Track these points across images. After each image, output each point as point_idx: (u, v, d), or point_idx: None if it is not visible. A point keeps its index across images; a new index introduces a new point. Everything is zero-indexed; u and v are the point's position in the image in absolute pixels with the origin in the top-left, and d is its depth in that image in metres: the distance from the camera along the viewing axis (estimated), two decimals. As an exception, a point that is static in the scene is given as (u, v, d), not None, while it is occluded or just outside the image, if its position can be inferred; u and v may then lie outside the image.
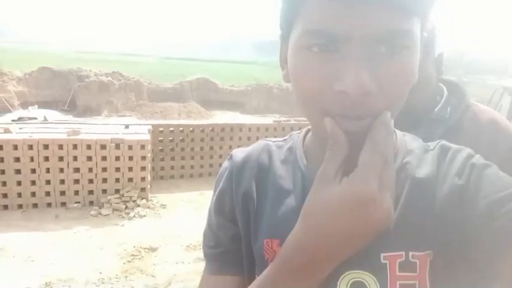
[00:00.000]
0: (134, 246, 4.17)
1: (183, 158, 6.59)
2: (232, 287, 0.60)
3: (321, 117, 0.45)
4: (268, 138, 0.67)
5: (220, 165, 5.63)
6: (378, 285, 0.49)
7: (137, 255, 4.03)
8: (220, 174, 0.65)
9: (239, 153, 0.65)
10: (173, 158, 6.54)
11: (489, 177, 0.48)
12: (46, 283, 3.44)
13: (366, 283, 0.50)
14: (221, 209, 0.62)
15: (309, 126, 0.60)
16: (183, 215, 5.16)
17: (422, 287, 0.49)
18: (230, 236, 0.61)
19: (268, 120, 8.32)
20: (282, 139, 0.66)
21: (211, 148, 6.72)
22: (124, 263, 3.87)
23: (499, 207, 0.44)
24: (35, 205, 5.14)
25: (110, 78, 13.24)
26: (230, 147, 6.76)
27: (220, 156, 6.73)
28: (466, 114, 1.05)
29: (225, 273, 0.61)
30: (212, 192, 0.67)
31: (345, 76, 0.41)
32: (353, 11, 0.40)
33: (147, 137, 5.61)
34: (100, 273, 3.67)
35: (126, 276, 3.62)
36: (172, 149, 6.53)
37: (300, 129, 0.66)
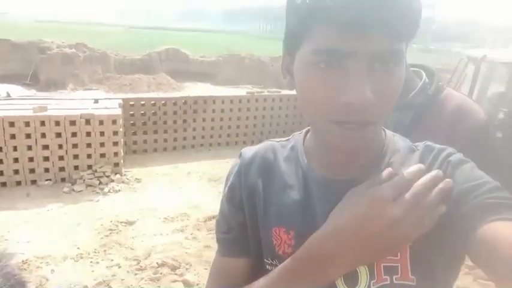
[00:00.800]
0: (111, 221, 4.19)
1: (155, 132, 6.54)
2: (241, 267, 0.69)
3: (327, 124, 0.53)
4: (273, 139, 0.76)
5: (194, 137, 5.68)
6: (366, 268, 0.58)
7: (115, 230, 4.06)
8: (231, 170, 0.73)
9: (248, 151, 0.73)
10: (146, 132, 6.47)
11: (462, 171, 0.57)
12: (23, 261, 3.43)
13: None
14: (232, 200, 0.71)
15: (309, 127, 0.68)
16: (159, 188, 5.19)
17: (403, 269, 0.57)
18: (240, 223, 0.69)
19: (241, 91, 8.29)
20: (285, 139, 0.74)
21: (185, 121, 6.68)
22: (102, 238, 3.91)
23: (466, 195, 0.53)
24: (4, 184, 5.01)
25: (74, 49, 12.61)
26: (204, 120, 6.75)
27: (194, 129, 6.72)
28: (436, 100, 1.09)
29: (234, 255, 0.70)
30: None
31: (350, 89, 0.49)
32: (356, 34, 0.48)
33: (118, 111, 5.50)
34: (78, 248, 3.69)
35: (104, 250, 3.67)
36: (144, 123, 6.45)
37: (273, 100, 0.73)
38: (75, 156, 5.23)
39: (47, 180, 5.14)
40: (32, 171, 5.12)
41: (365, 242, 0.53)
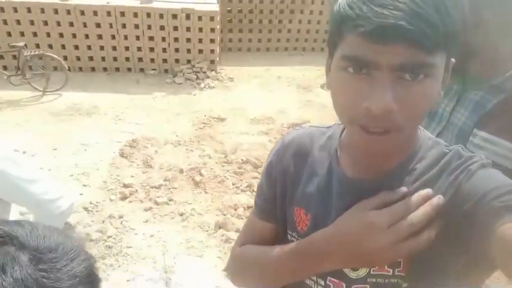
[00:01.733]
0: (205, 115, 4.60)
1: (250, 31, 6.52)
2: (267, 231, 0.78)
3: (351, 125, 0.56)
4: (315, 125, 0.77)
5: (288, 40, 5.54)
6: None
7: (208, 124, 4.47)
8: (273, 149, 0.79)
9: (289, 135, 0.77)
10: (241, 30, 6.50)
11: (480, 177, 0.56)
12: (133, 140, 4.06)
13: None
14: (268, 176, 0.77)
15: None
16: (249, 90, 5.41)
17: (405, 263, 0.61)
18: (272, 197, 0.77)
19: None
20: (327, 126, 0.75)
21: (280, 22, 6.50)
22: (196, 129, 4.36)
23: (482, 199, 0.53)
24: (117, 69, 5.66)
25: None
26: (300, 22, 6.48)
27: (289, 31, 6.53)
28: None
29: (264, 219, 0.79)
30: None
31: (371, 96, 0.50)
32: (384, 47, 0.49)
33: (216, 7, 5.54)
34: (177, 136, 4.20)
35: (198, 141, 4.13)
36: (240, 21, 6.43)
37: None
38: (176, 50, 5.58)
39: (152, 69, 5.66)
40: (140, 60, 5.64)
41: (359, 254, 0.58)
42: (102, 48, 5.51)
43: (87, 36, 5.42)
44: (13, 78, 4.88)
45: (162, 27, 5.41)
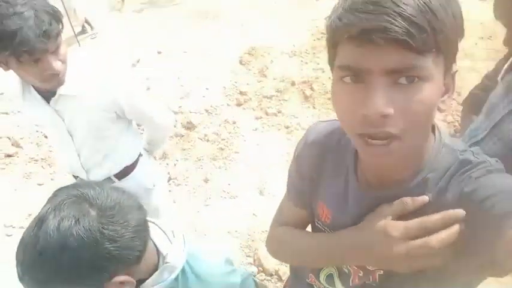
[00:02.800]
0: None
1: None
2: (297, 214, 0.84)
3: (353, 136, 0.57)
4: None
5: None
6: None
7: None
8: (300, 140, 0.81)
9: (316, 127, 0.79)
10: None
11: (480, 184, 0.56)
12: (252, 47, 4.20)
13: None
14: (298, 167, 0.81)
15: None
16: None
17: None
18: (302, 186, 0.81)
19: None
20: None
21: None
22: (314, 40, 4.25)
23: (486, 205, 0.54)
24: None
25: None
26: None
27: None
28: None
29: (294, 203, 0.84)
30: None
31: (365, 102, 0.51)
32: (372, 51, 0.49)
33: None
34: (293, 45, 4.19)
35: (314, 53, 4.06)
36: None
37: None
38: None
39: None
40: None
41: (374, 258, 0.63)
42: None
43: None
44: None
45: None
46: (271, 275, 2.15)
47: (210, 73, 4.00)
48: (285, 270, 2.11)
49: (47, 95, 1.27)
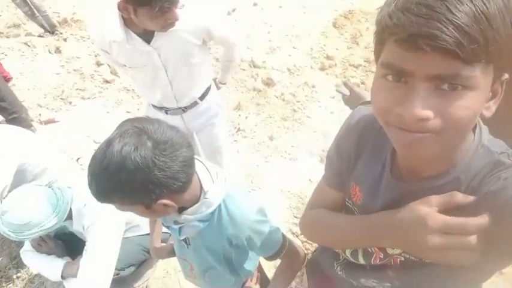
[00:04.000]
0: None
1: None
2: (332, 196, 0.85)
3: (386, 127, 0.58)
4: None
5: None
6: None
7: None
8: (345, 121, 0.79)
9: (357, 113, 0.77)
10: None
11: (509, 183, 0.55)
12: (349, 11, 3.98)
13: None
14: (337, 149, 0.82)
15: None
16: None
17: None
18: (340, 168, 0.81)
19: None
20: None
21: None
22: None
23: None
24: None
25: None
26: None
27: None
28: None
29: (330, 185, 0.86)
30: None
31: (404, 103, 0.51)
32: (418, 55, 0.48)
33: None
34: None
35: None
36: None
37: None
38: None
39: None
40: None
41: (408, 244, 0.62)
42: None
43: None
44: None
45: None
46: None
47: (301, 32, 3.92)
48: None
49: (146, 37, 1.47)
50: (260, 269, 1.33)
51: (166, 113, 1.77)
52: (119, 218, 1.54)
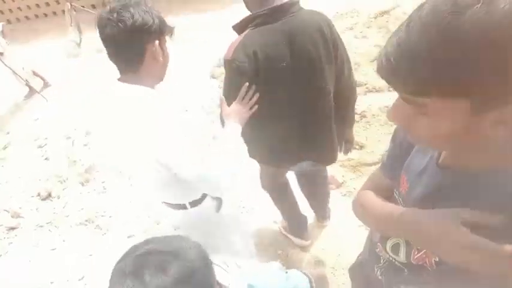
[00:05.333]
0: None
1: None
2: (384, 184, 0.91)
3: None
4: None
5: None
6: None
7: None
8: None
9: None
10: None
11: None
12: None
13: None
14: (394, 140, 0.89)
15: None
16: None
17: None
18: (393, 150, 0.89)
19: None
20: None
21: None
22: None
23: None
24: None
25: None
26: None
27: None
28: None
29: (383, 172, 0.93)
30: None
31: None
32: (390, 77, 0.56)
33: None
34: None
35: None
36: None
37: None
38: None
39: None
40: None
41: (441, 248, 0.64)
42: None
43: None
44: None
45: None
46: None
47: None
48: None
49: None
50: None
51: None
52: None
